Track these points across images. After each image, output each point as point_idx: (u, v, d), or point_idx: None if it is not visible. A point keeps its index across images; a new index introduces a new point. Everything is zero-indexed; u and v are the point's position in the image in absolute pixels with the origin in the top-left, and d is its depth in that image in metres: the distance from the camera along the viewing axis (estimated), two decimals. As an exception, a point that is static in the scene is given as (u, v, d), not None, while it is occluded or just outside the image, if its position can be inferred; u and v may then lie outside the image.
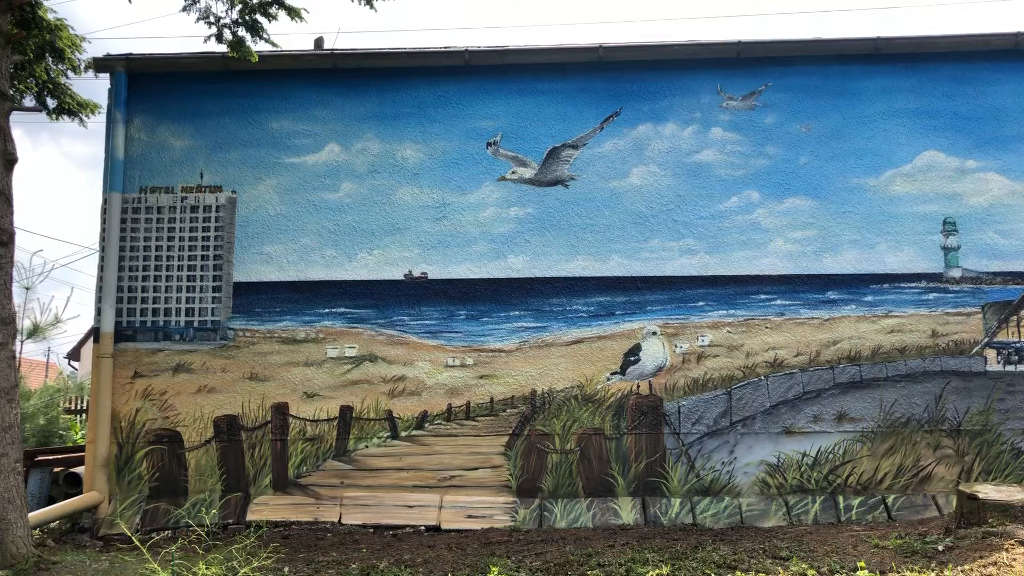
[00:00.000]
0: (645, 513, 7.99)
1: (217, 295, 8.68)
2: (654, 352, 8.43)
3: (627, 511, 8.01)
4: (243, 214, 8.81)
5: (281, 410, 8.45)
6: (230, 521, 8.03)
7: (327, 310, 8.65)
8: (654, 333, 8.46)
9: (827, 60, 8.89)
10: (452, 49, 8.86)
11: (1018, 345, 8.36)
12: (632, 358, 8.44)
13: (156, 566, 5.10)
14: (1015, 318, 8.41)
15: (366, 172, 8.87)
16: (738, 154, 8.76)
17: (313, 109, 8.98)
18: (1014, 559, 5.11)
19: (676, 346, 8.45)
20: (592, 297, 8.59)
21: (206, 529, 6.85)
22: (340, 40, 28.89)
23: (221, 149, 8.93)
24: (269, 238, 8.77)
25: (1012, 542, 5.34)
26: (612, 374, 8.42)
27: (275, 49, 8.36)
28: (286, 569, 6.05)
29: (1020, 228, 8.54)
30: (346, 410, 8.45)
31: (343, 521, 7.99)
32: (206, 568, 5.27)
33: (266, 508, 8.16)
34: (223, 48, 8.13)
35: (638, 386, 8.37)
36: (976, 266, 8.50)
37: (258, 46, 8.19)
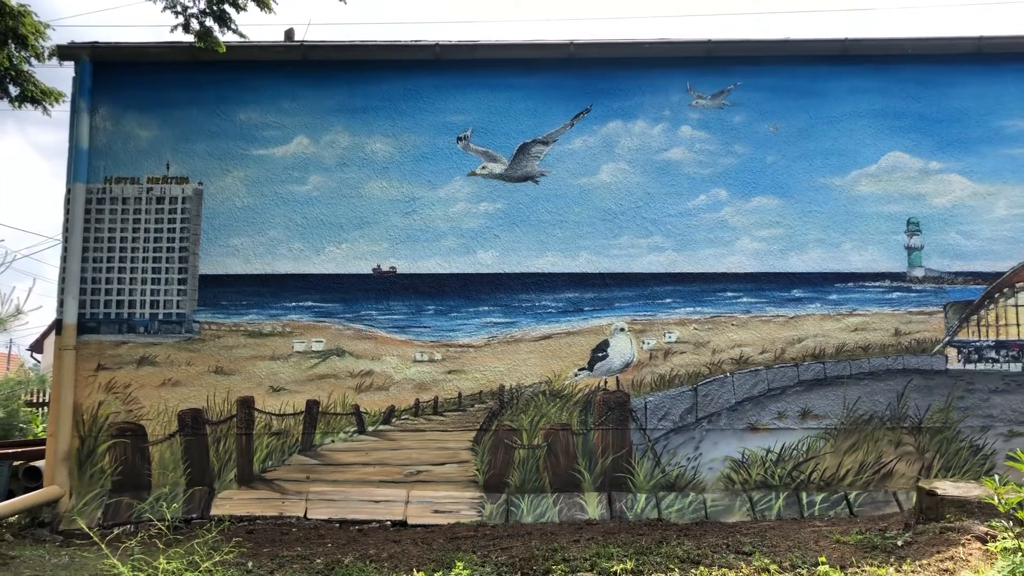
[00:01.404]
0: (611, 508, 8.02)
1: (182, 287, 8.58)
2: (622, 348, 8.47)
3: (593, 506, 8.04)
4: (210, 206, 8.72)
5: (246, 404, 8.38)
6: (194, 515, 7.95)
7: (294, 304, 8.59)
8: (622, 329, 8.50)
9: (796, 60, 8.96)
10: (423, 43, 8.82)
11: (978, 344, 8.51)
12: (600, 354, 8.47)
13: (115, 561, 5.04)
14: (975, 318, 8.56)
15: (335, 165, 8.81)
16: (707, 152, 8.81)
17: (282, 101, 8.90)
18: (970, 553, 5.21)
19: (643, 343, 8.50)
20: (561, 293, 8.61)
21: (169, 524, 6.77)
22: (310, 32, 28.68)
23: (188, 140, 8.82)
24: (236, 230, 8.69)
25: (969, 537, 5.45)
26: (580, 370, 8.45)
27: (244, 40, 8.29)
28: (250, 564, 6.01)
29: (981, 229, 8.68)
30: (312, 404, 8.40)
31: (309, 516, 7.94)
32: (167, 563, 5.21)
33: (230, 502, 8.09)
34: (190, 38, 8.03)
35: (605, 382, 8.41)
36: (939, 266, 8.63)
37: (226, 36, 8.12)
